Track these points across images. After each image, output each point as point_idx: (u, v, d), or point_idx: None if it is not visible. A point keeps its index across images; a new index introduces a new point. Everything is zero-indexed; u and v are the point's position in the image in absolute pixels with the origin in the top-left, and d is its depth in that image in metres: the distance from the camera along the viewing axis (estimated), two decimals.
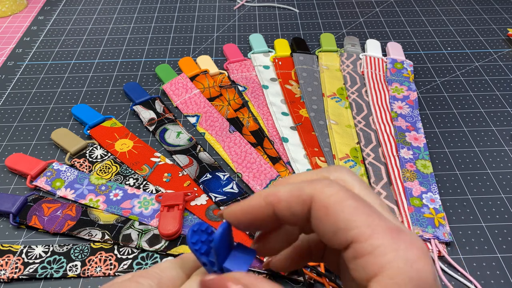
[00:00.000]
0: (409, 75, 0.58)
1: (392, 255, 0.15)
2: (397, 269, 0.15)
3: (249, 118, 0.52)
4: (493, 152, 0.48)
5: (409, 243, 0.16)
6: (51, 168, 0.45)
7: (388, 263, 0.15)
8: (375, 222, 0.16)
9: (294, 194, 0.18)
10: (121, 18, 0.73)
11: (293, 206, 0.18)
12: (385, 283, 0.15)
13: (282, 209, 0.18)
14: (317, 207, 0.17)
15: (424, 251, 0.16)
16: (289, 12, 0.74)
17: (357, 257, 0.16)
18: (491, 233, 0.40)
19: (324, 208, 0.17)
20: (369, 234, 0.16)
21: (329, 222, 0.17)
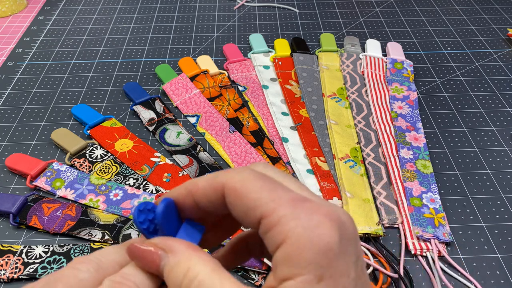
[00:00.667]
0: (409, 75, 0.58)
1: (293, 223, 0.16)
2: (298, 235, 0.16)
3: (249, 118, 0.52)
4: (493, 152, 0.48)
5: (311, 210, 0.16)
6: (51, 168, 0.45)
7: (290, 230, 0.16)
8: (278, 196, 0.17)
9: (209, 183, 0.19)
10: (121, 18, 0.73)
11: (208, 194, 0.19)
12: (287, 250, 0.16)
13: (200, 197, 0.19)
14: (227, 192, 0.18)
15: (330, 217, 0.16)
16: (289, 12, 0.74)
17: (267, 231, 0.17)
18: (491, 233, 0.40)
19: (234, 191, 0.18)
20: (273, 207, 0.17)
21: (240, 204, 0.17)
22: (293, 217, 0.16)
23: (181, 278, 0.17)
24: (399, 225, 0.41)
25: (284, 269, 0.16)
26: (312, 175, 0.45)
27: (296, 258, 0.15)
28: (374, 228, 0.40)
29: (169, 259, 0.18)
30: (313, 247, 0.15)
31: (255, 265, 0.37)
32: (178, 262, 0.18)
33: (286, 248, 0.16)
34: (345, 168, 0.45)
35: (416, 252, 0.38)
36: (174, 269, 0.18)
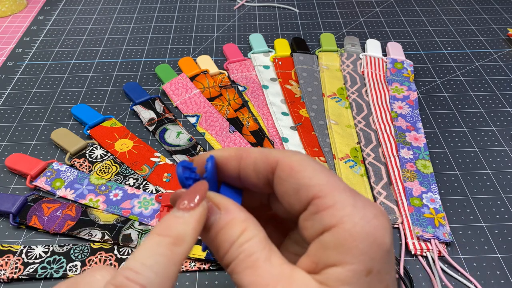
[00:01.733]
0: (409, 75, 0.58)
1: (350, 209, 0.16)
2: (354, 223, 0.15)
3: (249, 118, 0.52)
4: (493, 152, 0.48)
5: (367, 202, 0.16)
6: (51, 168, 0.45)
7: (346, 215, 0.15)
8: (335, 182, 0.17)
9: (263, 155, 0.19)
10: (121, 18, 0.73)
11: (258, 163, 0.19)
12: (340, 235, 0.15)
13: (248, 165, 0.19)
14: (282, 167, 0.18)
15: (382, 212, 0.16)
16: (289, 12, 0.74)
17: (317, 212, 0.16)
18: (491, 233, 0.40)
19: (289, 168, 0.17)
20: (329, 190, 0.16)
21: (292, 181, 0.17)
22: (351, 204, 0.16)
23: (235, 236, 0.17)
24: (399, 225, 0.41)
25: (332, 254, 0.15)
26: None
27: (349, 245, 0.15)
28: None
29: (221, 216, 0.18)
30: (368, 238, 0.15)
31: None
32: (233, 220, 0.17)
33: (339, 233, 0.15)
34: (345, 168, 0.45)
35: (416, 252, 0.38)
36: (227, 226, 0.17)
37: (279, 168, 0.18)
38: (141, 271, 0.15)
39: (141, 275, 0.15)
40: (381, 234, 0.15)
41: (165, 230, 0.16)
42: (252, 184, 0.20)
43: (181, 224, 0.16)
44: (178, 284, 0.37)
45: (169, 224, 0.16)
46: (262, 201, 0.22)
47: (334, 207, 0.16)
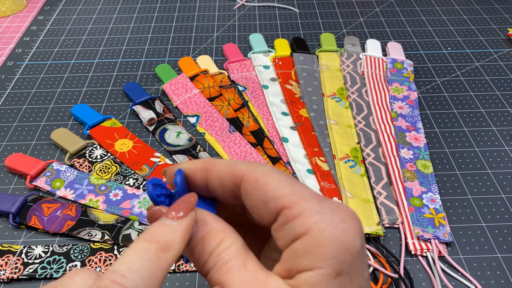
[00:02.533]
0: (409, 75, 0.58)
1: (317, 216, 0.16)
2: (321, 229, 0.16)
3: (249, 118, 0.52)
4: (493, 152, 0.48)
5: (335, 207, 0.17)
6: (50, 168, 0.45)
7: (313, 223, 0.16)
8: (301, 191, 0.17)
9: (229, 168, 0.19)
10: (121, 18, 0.73)
11: (223, 177, 0.19)
12: (309, 242, 0.16)
13: (214, 178, 0.19)
14: (247, 181, 0.18)
15: (351, 215, 0.17)
16: (289, 12, 0.74)
17: (286, 222, 0.17)
18: (491, 233, 0.40)
19: (254, 181, 0.18)
20: (296, 199, 0.17)
21: (259, 193, 0.18)
22: (317, 211, 0.16)
23: (213, 248, 0.17)
24: (399, 225, 0.41)
25: (302, 260, 0.16)
26: (312, 175, 0.45)
27: (317, 251, 0.16)
28: (374, 228, 0.40)
29: (198, 229, 0.18)
30: (335, 243, 0.16)
31: None
32: (210, 232, 0.18)
33: (307, 241, 0.16)
34: (345, 168, 0.45)
35: (416, 252, 0.38)
36: (205, 238, 0.18)
37: (245, 182, 0.18)
38: (127, 274, 0.15)
39: (127, 279, 0.15)
40: (349, 238, 0.16)
41: (153, 237, 0.17)
42: (220, 196, 0.20)
43: (169, 232, 0.17)
44: (177, 284, 0.37)
45: (157, 231, 0.17)
46: (236, 211, 0.22)
47: (302, 216, 0.16)
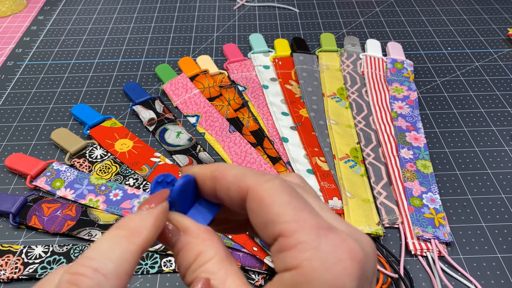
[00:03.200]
0: (409, 75, 0.58)
1: (310, 253, 0.15)
2: (312, 269, 0.15)
3: (249, 118, 0.52)
4: (493, 152, 0.48)
5: (334, 243, 0.15)
6: (51, 168, 0.45)
7: (305, 260, 0.15)
8: (303, 218, 0.16)
9: (236, 179, 0.18)
10: (121, 18, 0.73)
11: (231, 189, 0.18)
12: (298, 278, 0.15)
13: (221, 188, 0.19)
14: (252, 198, 0.17)
15: (352, 255, 0.15)
16: (289, 12, 0.74)
17: (281, 251, 0.16)
18: (491, 233, 0.40)
19: (259, 200, 0.17)
20: (294, 229, 0.16)
21: (261, 214, 0.17)
22: (313, 247, 0.15)
23: (191, 260, 0.17)
24: (399, 225, 0.41)
25: None
26: (312, 175, 0.45)
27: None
28: (374, 228, 0.40)
29: (180, 238, 0.18)
30: (324, 286, 0.15)
31: (255, 265, 0.37)
32: (190, 243, 0.18)
33: (296, 276, 0.15)
34: (345, 168, 0.45)
35: (416, 252, 0.38)
36: (185, 249, 0.18)
37: (250, 199, 0.18)
38: (96, 257, 0.16)
39: (95, 260, 0.16)
40: (340, 283, 0.15)
41: (123, 224, 0.18)
42: (229, 205, 0.20)
43: (139, 219, 0.17)
44: (177, 284, 0.37)
45: (128, 220, 0.18)
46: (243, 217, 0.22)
47: (296, 249, 0.15)
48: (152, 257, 0.38)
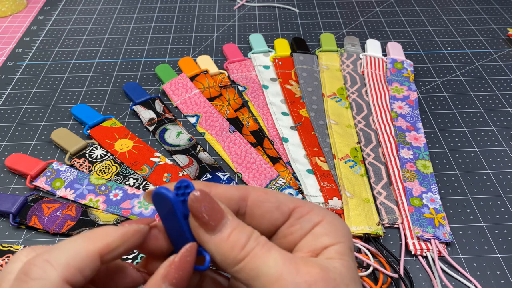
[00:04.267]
0: (409, 75, 0.58)
1: (324, 211, 0.21)
2: (332, 218, 0.21)
3: (249, 118, 0.52)
4: (493, 152, 0.48)
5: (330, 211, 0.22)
6: (51, 168, 0.45)
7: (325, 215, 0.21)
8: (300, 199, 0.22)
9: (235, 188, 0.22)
10: (121, 18, 0.73)
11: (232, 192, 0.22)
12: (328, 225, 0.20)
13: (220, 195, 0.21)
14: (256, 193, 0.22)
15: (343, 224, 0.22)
16: (289, 12, 0.74)
17: (302, 216, 0.21)
18: (491, 233, 0.40)
19: (264, 192, 0.22)
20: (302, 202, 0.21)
21: (271, 200, 0.21)
22: (323, 208, 0.21)
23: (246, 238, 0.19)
24: (399, 225, 0.41)
25: (326, 239, 0.20)
26: (312, 175, 0.45)
27: (336, 231, 0.20)
28: (374, 228, 0.40)
29: (229, 220, 0.20)
30: (345, 227, 0.21)
31: None
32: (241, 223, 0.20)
33: (326, 225, 0.20)
34: (345, 168, 0.45)
35: (416, 252, 0.38)
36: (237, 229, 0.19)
37: (254, 194, 0.21)
38: (52, 250, 0.18)
39: (49, 253, 0.17)
40: (347, 227, 0.21)
41: (93, 230, 0.19)
42: None
43: (110, 228, 0.19)
44: None
45: (101, 228, 0.20)
46: None
47: (314, 211, 0.21)
48: None
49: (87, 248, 0.18)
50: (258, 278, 0.18)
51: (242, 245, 0.19)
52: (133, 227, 0.20)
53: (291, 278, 0.17)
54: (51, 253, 0.17)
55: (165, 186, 0.20)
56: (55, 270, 0.17)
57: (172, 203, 0.20)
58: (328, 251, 0.19)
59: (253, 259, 0.18)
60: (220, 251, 0.19)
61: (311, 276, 0.17)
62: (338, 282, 0.18)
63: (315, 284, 0.17)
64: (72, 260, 0.17)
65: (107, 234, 0.19)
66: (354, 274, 0.19)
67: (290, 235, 0.21)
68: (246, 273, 0.18)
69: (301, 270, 0.18)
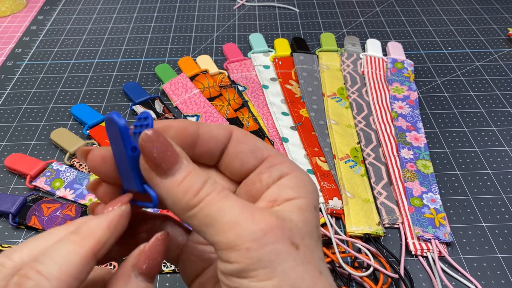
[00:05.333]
0: (410, 74, 0.57)
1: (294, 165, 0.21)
2: (301, 173, 0.21)
3: (249, 118, 0.52)
4: (494, 152, 0.48)
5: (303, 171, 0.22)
6: (50, 168, 0.45)
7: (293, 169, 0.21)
8: (275, 150, 0.22)
9: (218, 126, 0.22)
10: (120, 17, 0.73)
11: (214, 131, 0.21)
12: (295, 179, 0.20)
13: (205, 131, 0.21)
14: (239, 132, 0.21)
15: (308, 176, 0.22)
16: (289, 11, 0.74)
17: (273, 165, 0.21)
18: (491, 233, 0.40)
19: (244, 134, 0.21)
20: (276, 153, 0.21)
21: (249, 143, 0.21)
22: (293, 163, 0.21)
23: (201, 183, 0.18)
24: (400, 225, 0.41)
25: (290, 191, 0.19)
26: (312, 175, 0.45)
27: (302, 186, 0.20)
28: (374, 228, 0.40)
29: (183, 164, 0.19)
30: (312, 185, 0.20)
31: None
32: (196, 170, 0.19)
33: (293, 178, 0.20)
34: (345, 168, 0.45)
35: (417, 252, 0.38)
36: (192, 174, 0.19)
37: (235, 134, 0.21)
38: (42, 259, 0.17)
39: (39, 262, 0.16)
40: (315, 186, 0.21)
41: (77, 228, 0.18)
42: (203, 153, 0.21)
43: (93, 222, 0.18)
44: (177, 285, 0.37)
45: (82, 223, 0.18)
46: None
47: (286, 163, 0.21)
48: None
49: (79, 252, 0.17)
50: (212, 225, 0.17)
51: (196, 190, 0.18)
52: (115, 213, 0.19)
53: (246, 226, 0.17)
54: (43, 263, 0.17)
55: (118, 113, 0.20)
56: (50, 283, 0.16)
57: (121, 133, 0.18)
58: (289, 203, 0.19)
59: (208, 206, 0.18)
60: (171, 195, 0.18)
61: (267, 224, 0.17)
62: (294, 233, 0.18)
63: (271, 231, 0.17)
64: (64, 268, 0.16)
65: (93, 230, 0.18)
66: (311, 229, 0.19)
67: (259, 183, 0.20)
68: (199, 219, 0.18)
69: (257, 218, 0.17)
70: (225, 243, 0.17)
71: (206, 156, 0.22)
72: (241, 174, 0.21)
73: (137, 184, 0.19)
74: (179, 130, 0.20)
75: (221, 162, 0.22)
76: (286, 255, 0.17)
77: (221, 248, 0.17)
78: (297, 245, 0.18)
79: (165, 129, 0.20)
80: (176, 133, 0.20)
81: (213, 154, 0.21)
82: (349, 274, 0.36)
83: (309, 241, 0.18)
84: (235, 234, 0.17)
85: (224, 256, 0.17)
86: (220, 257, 0.18)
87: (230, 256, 0.17)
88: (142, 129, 0.18)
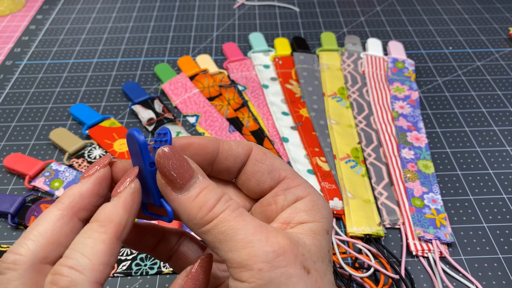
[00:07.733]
0: (411, 74, 0.57)
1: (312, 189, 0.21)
2: (317, 197, 0.21)
3: (249, 118, 0.52)
4: (495, 152, 0.48)
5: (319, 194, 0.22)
6: (49, 168, 0.45)
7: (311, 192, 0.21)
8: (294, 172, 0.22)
9: (238, 142, 0.22)
10: (120, 17, 0.73)
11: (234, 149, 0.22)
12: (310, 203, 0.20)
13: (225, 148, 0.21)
14: (257, 151, 0.22)
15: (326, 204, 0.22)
16: (290, 11, 0.74)
17: (289, 188, 0.21)
18: (492, 233, 0.40)
19: (262, 153, 0.22)
20: (295, 175, 0.21)
21: (267, 162, 0.21)
22: (311, 186, 0.21)
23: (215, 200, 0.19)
24: (400, 225, 0.40)
25: (304, 215, 0.20)
26: (313, 175, 0.45)
27: (317, 210, 0.20)
28: (375, 228, 0.40)
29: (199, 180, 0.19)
30: (327, 208, 0.21)
31: None
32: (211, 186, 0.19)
33: (308, 202, 0.20)
34: (346, 168, 0.45)
35: (418, 253, 0.38)
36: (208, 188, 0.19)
37: (255, 152, 0.22)
38: (70, 254, 0.17)
39: (70, 258, 0.17)
40: (329, 209, 0.21)
41: (95, 217, 0.18)
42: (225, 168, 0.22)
43: (108, 207, 0.18)
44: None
45: (99, 211, 0.19)
46: None
47: (301, 186, 0.21)
48: (151, 258, 0.38)
49: (103, 239, 0.17)
50: (225, 242, 0.18)
51: (210, 206, 0.18)
52: (127, 193, 0.19)
53: (259, 246, 0.17)
54: (73, 257, 0.17)
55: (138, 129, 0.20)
56: (84, 275, 0.17)
57: (140, 149, 0.19)
58: (302, 226, 0.19)
59: (222, 223, 0.18)
60: (186, 210, 0.19)
61: (281, 247, 0.18)
62: (306, 257, 0.18)
63: (283, 254, 0.17)
64: (94, 259, 0.17)
65: (111, 214, 0.18)
66: (324, 253, 0.19)
67: (274, 205, 0.21)
68: (213, 235, 0.18)
69: (270, 240, 0.18)
70: (238, 262, 0.17)
71: (224, 172, 0.22)
72: (257, 193, 0.22)
73: (154, 198, 0.20)
74: (199, 147, 0.21)
75: (238, 179, 0.22)
76: (297, 279, 0.17)
77: (234, 266, 0.18)
78: (308, 269, 0.18)
79: (186, 146, 0.21)
80: (197, 151, 0.21)
81: (231, 172, 0.22)
82: (349, 275, 0.36)
83: (321, 265, 0.19)
84: (248, 254, 0.17)
85: (236, 275, 0.18)
86: (232, 274, 0.18)
87: (242, 275, 0.17)
88: (161, 145, 0.19)
